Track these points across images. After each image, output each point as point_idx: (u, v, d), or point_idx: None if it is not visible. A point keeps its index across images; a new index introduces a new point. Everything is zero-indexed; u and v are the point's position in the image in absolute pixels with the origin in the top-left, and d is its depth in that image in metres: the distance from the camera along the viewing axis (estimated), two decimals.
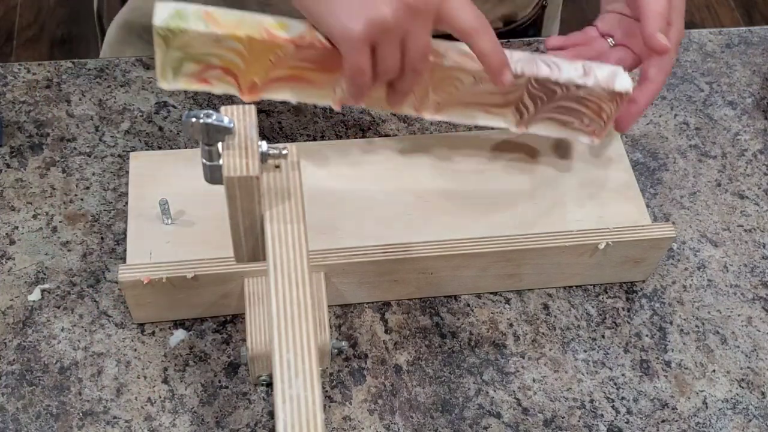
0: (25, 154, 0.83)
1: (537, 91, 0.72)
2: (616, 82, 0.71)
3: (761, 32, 1.01)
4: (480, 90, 0.72)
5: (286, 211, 0.56)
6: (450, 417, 0.71)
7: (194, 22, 0.65)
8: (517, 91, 0.71)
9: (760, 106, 0.94)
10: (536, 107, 0.73)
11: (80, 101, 0.88)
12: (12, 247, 0.77)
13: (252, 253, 0.59)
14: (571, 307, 0.78)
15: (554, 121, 0.75)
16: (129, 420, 0.69)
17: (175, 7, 0.66)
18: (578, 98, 0.72)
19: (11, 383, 0.70)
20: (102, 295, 0.75)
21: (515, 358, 0.75)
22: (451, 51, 0.70)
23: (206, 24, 0.65)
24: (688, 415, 0.73)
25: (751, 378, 0.75)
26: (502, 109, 0.73)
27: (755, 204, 0.86)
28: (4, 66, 0.90)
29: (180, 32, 0.65)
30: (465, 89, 0.72)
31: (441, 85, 0.71)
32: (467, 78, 0.70)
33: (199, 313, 0.74)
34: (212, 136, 0.52)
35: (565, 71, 0.71)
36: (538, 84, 0.71)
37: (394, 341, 0.75)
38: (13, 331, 0.73)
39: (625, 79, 0.71)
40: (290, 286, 0.53)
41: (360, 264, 0.72)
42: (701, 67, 0.97)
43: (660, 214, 0.84)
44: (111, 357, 0.72)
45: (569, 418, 0.72)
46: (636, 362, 0.75)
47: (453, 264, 0.73)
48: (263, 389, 0.71)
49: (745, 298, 0.80)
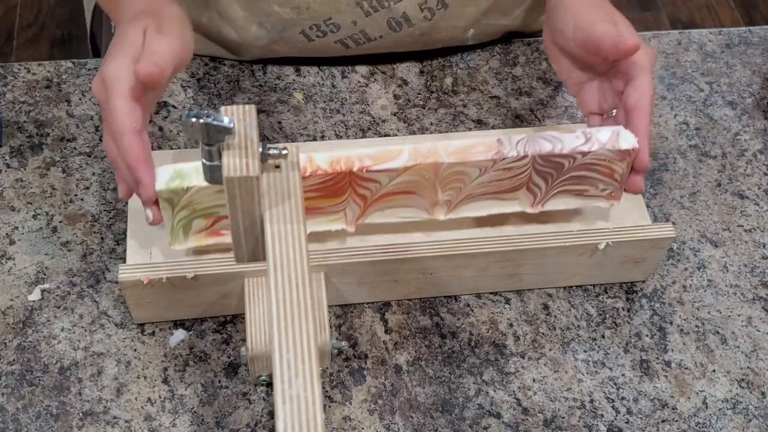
0: (25, 154, 0.83)
1: (544, 168, 0.71)
2: (620, 140, 0.70)
3: (761, 32, 1.01)
4: (487, 179, 0.71)
5: (286, 211, 0.56)
6: (450, 417, 0.71)
7: (195, 178, 0.66)
8: (524, 171, 0.70)
9: (760, 106, 0.94)
10: (547, 184, 0.72)
11: (80, 101, 0.88)
12: (12, 247, 0.77)
13: (252, 253, 0.59)
14: (571, 307, 0.78)
15: (569, 193, 0.74)
16: (129, 420, 0.69)
17: (174, 167, 0.67)
18: (587, 165, 0.71)
19: (11, 383, 0.70)
20: (102, 295, 0.75)
21: (515, 358, 0.75)
22: (449, 148, 0.69)
23: None
24: (688, 415, 0.73)
25: (751, 378, 0.75)
26: (514, 193, 0.73)
27: (755, 204, 0.86)
28: (4, 66, 0.90)
29: (183, 191, 0.66)
30: (472, 182, 0.71)
31: (447, 183, 0.71)
32: (472, 170, 0.70)
33: (199, 313, 0.74)
34: (212, 136, 0.52)
35: (567, 142, 0.70)
36: (544, 160, 0.70)
37: (394, 341, 0.75)
38: (13, 331, 0.73)
39: (628, 135, 0.70)
40: (290, 286, 0.53)
41: (360, 264, 0.72)
42: (701, 67, 0.97)
43: (660, 214, 0.84)
44: (111, 357, 0.72)
45: (569, 418, 0.72)
46: (636, 362, 0.75)
47: (453, 264, 0.73)
48: (263, 389, 0.71)
49: (745, 298, 0.80)
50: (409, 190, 0.70)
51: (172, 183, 0.66)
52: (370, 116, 0.89)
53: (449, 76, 0.93)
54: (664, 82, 0.95)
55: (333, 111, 0.89)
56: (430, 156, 0.68)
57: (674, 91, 0.94)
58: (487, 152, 0.69)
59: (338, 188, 0.69)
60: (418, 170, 0.69)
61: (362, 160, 0.68)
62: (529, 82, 0.93)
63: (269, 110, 0.89)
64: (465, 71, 0.94)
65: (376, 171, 0.68)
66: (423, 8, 0.86)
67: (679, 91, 0.94)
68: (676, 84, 0.95)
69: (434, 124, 0.89)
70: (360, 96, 0.91)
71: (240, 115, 0.54)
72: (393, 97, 0.91)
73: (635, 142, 0.70)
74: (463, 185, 0.71)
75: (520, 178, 0.71)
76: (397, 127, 0.88)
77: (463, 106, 0.91)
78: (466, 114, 0.90)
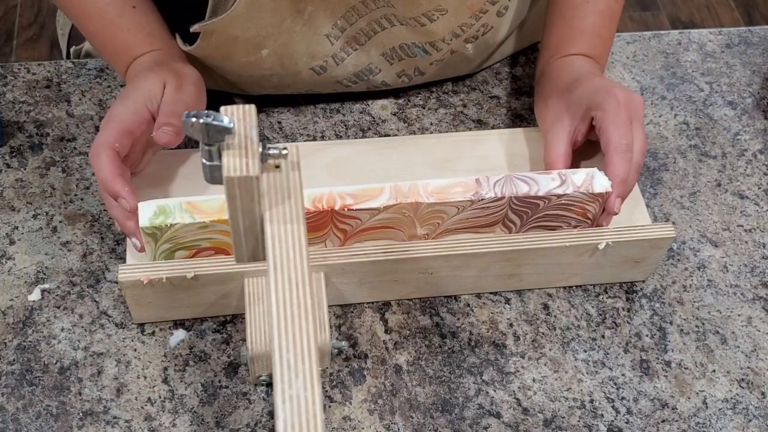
0: (25, 154, 0.83)
1: (520, 207, 0.73)
2: (594, 184, 0.72)
3: (761, 32, 1.01)
4: (464, 217, 0.73)
5: (286, 211, 0.56)
6: (450, 417, 0.71)
7: (179, 215, 0.67)
8: (501, 210, 0.73)
9: (760, 106, 0.94)
10: (522, 220, 0.74)
11: (80, 101, 0.88)
12: (12, 247, 0.77)
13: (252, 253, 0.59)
14: (571, 307, 0.78)
15: (543, 228, 0.75)
16: (129, 420, 0.69)
17: (157, 203, 0.68)
18: (561, 205, 0.73)
19: (11, 383, 0.70)
20: (102, 295, 0.75)
21: (515, 358, 0.75)
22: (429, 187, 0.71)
23: (191, 215, 0.68)
24: (688, 415, 0.73)
25: (751, 378, 0.75)
26: (490, 228, 0.75)
27: (755, 204, 0.86)
28: (4, 66, 0.90)
29: (166, 227, 0.68)
30: (450, 219, 0.73)
31: (426, 220, 0.73)
32: (450, 209, 0.72)
33: (199, 313, 0.74)
34: (212, 136, 0.52)
35: (543, 184, 0.72)
36: (520, 201, 0.72)
37: (394, 341, 0.75)
38: (13, 331, 0.73)
39: (602, 179, 0.73)
40: (290, 286, 0.53)
41: (360, 264, 0.72)
42: (701, 67, 0.97)
43: (660, 214, 0.84)
44: (111, 357, 0.72)
45: (569, 418, 0.72)
46: (636, 362, 0.75)
47: (453, 264, 0.73)
48: (263, 389, 0.71)
49: (745, 298, 0.80)
50: (389, 225, 0.72)
51: (155, 220, 0.67)
52: (370, 116, 0.89)
53: None
54: (664, 82, 0.95)
55: (333, 111, 0.89)
56: (411, 195, 0.70)
57: (674, 91, 0.94)
58: (466, 193, 0.71)
59: (319, 224, 0.70)
60: (398, 209, 0.71)
61: (344, 198, 0.70)
62: (529, 82, 0.93)
63: (269, 110, 0.89)
64: None
65: (357, 210, 0.70)
66: (400, 76, 0.87)
67: (679, 91, 0.94)
68: (676, 84, 0.95)
69: (434, 124, 0.89)
70: (360, 96, 0.91)
71: (240, 115, 0.54)
72: (393, 96, 0.91)
73: (608, 185, 0.72)
74: (441, 221, 0.73)
75: (496, 215, 0.73)
76: (397, 127, 0.88)
77: (463, 106, 0.91)
78: (466, 114, 0.90)
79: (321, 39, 0.80)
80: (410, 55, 0.84)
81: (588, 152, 0.80)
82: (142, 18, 0.79)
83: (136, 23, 0.78)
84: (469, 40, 0.85)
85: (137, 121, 0.72)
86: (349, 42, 0.82)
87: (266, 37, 0.78)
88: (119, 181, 0.69)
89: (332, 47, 0.81)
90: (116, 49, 0.79)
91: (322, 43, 0.81)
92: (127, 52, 0.78)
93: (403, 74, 0.87)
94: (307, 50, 0.81)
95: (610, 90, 0.75)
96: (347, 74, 0.85)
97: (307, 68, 0.83)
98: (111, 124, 0.71)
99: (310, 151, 0.80)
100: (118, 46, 0.79)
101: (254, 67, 0.81)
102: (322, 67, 0.83)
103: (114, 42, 0.79)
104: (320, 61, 0.82)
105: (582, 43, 0.82)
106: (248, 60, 0.80)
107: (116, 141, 0.70)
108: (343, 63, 0.83)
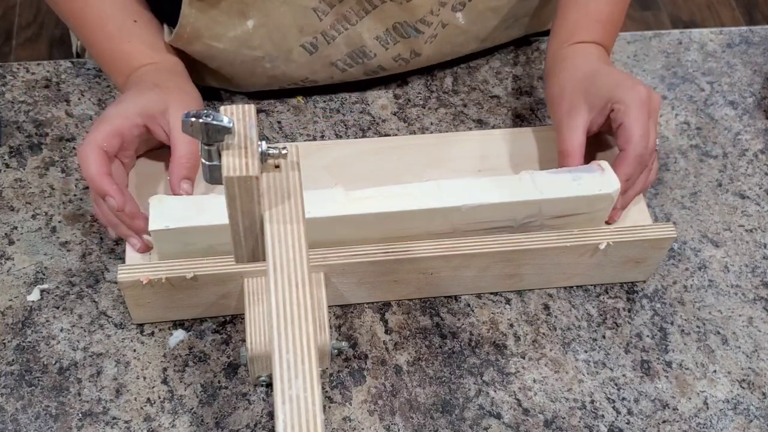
0: (24, 154, 0.83)
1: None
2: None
3: (762, 32, 1.00)
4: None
5: (286, 211, 0.56)
6: (450, 417, 0.71)
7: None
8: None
9: (761, 106, 0.94)
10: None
11: (79, 101, 0.88)
12: (11, 248, 0.77)
13: (252, 253, 0.59)
14: (572, 307, 0.78)
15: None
16: (128, 420, 0.69)
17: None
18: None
19: (10, 384, 0.70)
20: (101, 296, 0.75)
21: (516, 359, 0.74)
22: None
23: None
24: (689, 415, 0.72)
25: (752, 378, 0.75)
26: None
27: (756, 204, 0.86)
28: (3, 66, 0.90)
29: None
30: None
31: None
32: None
33: (198, 314, 0.74)
34: (212, 135, 0.52)
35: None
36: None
37: (394, 342, 0.75)
38: (12, 332, 0.73)
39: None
40: (290, 286, 0.53)
41: (360, 264, 0.71)
42: (702, 67, 0.96)
43: (661, 214, 0.84)
44: (110, 357, 0.72)
45: (570, 419, 0.72)
46: (637, 363, 0.75)
47: (453, 264, 0.73)
48: (263, 390, 0.71)
49: (746, 299, 0.80)
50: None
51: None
52: (370, 116, 0.89)
53: (449, 75, 0.93)
54: (664, 82, 0.95)
55: (333, 110, 0.89)
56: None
57: (675, 91, 0.94)
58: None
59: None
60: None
61: None
62: (529, 82, 0.93)
63: (269, 110, 0.89)
64: (465, 71, 0.94)
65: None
66: (397, 60, 0.87)
67: (680, 90, 0.94)
68: (676, 84, 0.95)
69: (434, 124, 0.89)
70: (360, 95, 0.90)
71: (239, 115, 0.54)
72: (393, 96, 0.91)
73: (618, 185, 0.73)
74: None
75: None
76: (397, 126, 0.88)
77: (464, 105, 0.91)
78: (467, 114, 0.90)
79: (308, 12, 0.80)
80: (404, 36, 0.84)
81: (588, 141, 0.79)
82: (142, 31, 0.79)
83: (137, 36, 0.79)
84: (456, 8, 0.85)
85: (128, 125, 0.72)
86: (339, 20, 0.81)
87: (249, 4, 0.78)
88: (106, 179, 0.70)
89: (321, 23, 0.81)
90: (115, 60, 0.79)
91: (310, 16, 0.80)
92: (127, 63, 0.79)
93: (400, 58, 0.87)
94: (294, 22, 0.80)
95: (633, 86, 0.75)
96: (341, 55, 0.85)
97: (298, 45, 0.82)
98: (102, 124, 0.71)
99: (310, 151, 0.80)
100: (118, 57, 0.79)
101: (244, 46, 0.81)
102: (312, 45, 0.83)
103: (113, 53, 0.79)
104: (310, 37, 0.82)
105: (597, 31, 0.82)
106: (236, 34, 0.80)
107: (105, 141, 0.70)
108: (335, 42, 0.83)
